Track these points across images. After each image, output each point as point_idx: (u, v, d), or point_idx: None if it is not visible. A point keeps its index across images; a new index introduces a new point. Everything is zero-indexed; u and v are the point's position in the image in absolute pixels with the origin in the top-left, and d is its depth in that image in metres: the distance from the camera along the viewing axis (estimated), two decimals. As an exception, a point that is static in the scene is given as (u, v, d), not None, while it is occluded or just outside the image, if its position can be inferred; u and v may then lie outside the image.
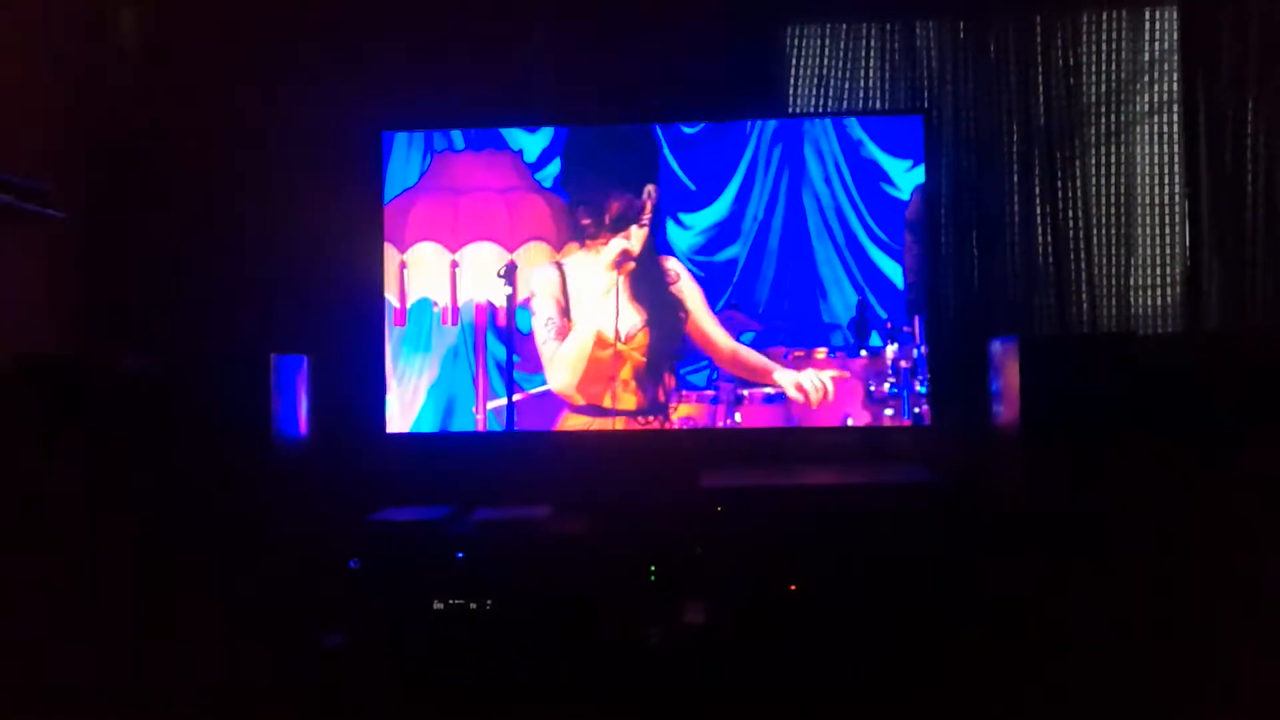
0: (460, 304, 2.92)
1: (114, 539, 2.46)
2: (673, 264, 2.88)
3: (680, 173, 2.89)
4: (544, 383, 2.89)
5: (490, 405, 2.91)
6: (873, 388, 2.83)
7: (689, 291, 2.87)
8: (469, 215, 2.92)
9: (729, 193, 2.88)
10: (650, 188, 2.87)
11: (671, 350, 2.88)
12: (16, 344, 2.63)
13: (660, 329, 2.88)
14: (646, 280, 2.88)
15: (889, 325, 2.84)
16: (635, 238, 2.88)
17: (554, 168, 2.91)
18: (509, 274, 2.89)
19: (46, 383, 2.51)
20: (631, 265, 2.87)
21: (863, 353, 2.84)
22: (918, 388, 2.81)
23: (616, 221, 2.87)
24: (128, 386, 2.52)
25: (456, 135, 2.94)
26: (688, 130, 2.90)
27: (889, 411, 2.82)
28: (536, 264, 2.89)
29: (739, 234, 2.88)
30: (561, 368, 2.88)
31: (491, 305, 2.91)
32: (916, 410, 2.81)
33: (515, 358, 2.90)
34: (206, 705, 2.42)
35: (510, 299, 2.89)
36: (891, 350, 2.82)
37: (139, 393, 2.51)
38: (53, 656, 2.41)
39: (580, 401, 2.88)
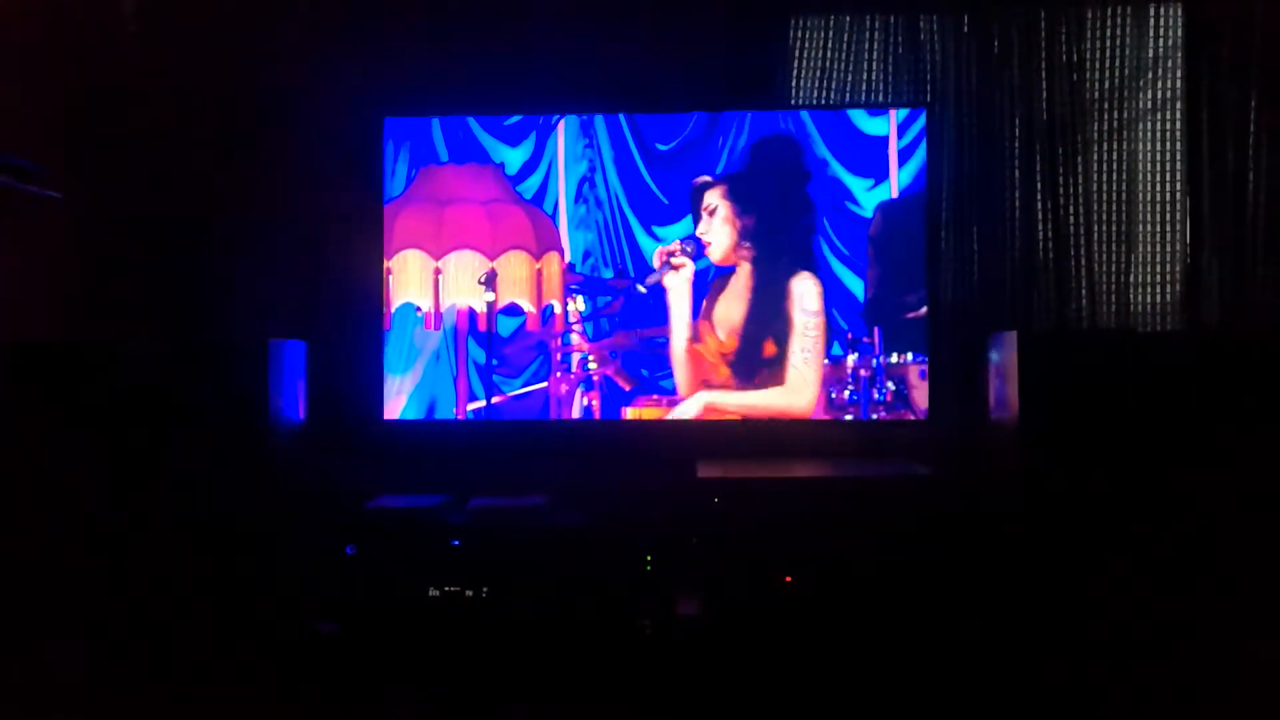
0: (443, 309, 2.97)
1: (111, 525, 2.46)
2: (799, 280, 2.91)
3: (654, 186, 2.95)
4: (522, 385, 2.97)
5: (470, 407, 2.97)
6: (833, 395, 2.89)
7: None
8: (452, 225, 2.98)
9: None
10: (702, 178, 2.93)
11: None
12: (14, 328, 2.63)
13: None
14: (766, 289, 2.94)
15: (849, 336, 2.89)
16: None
17: (535, 179, 2.97)
18: (489, 281, 2.95)
19: (44, 368, 2.51)
20: (681, 268, 2.93)
21: (825, 361, 2.88)
22: (875, 396, 2.89)
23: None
24: (125, 372, 2.51)
25: (441, 148, 2.99)
26: (661, 147, 2.95)
27: (848, 417, 2.89)
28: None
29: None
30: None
31: (472, 311, 2.96)
32: (874, 418, 2.89)
33: (495, 361, 2.96)
34: (202, 690, 2.42)
35: (491, 305, 2.96)
36: (852, 359, 2.89)
37: (137, 378, 2.51)
38: (50, 645, 2.41)
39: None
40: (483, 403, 2.96)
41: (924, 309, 2.88)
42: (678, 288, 2.93)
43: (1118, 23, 3.08)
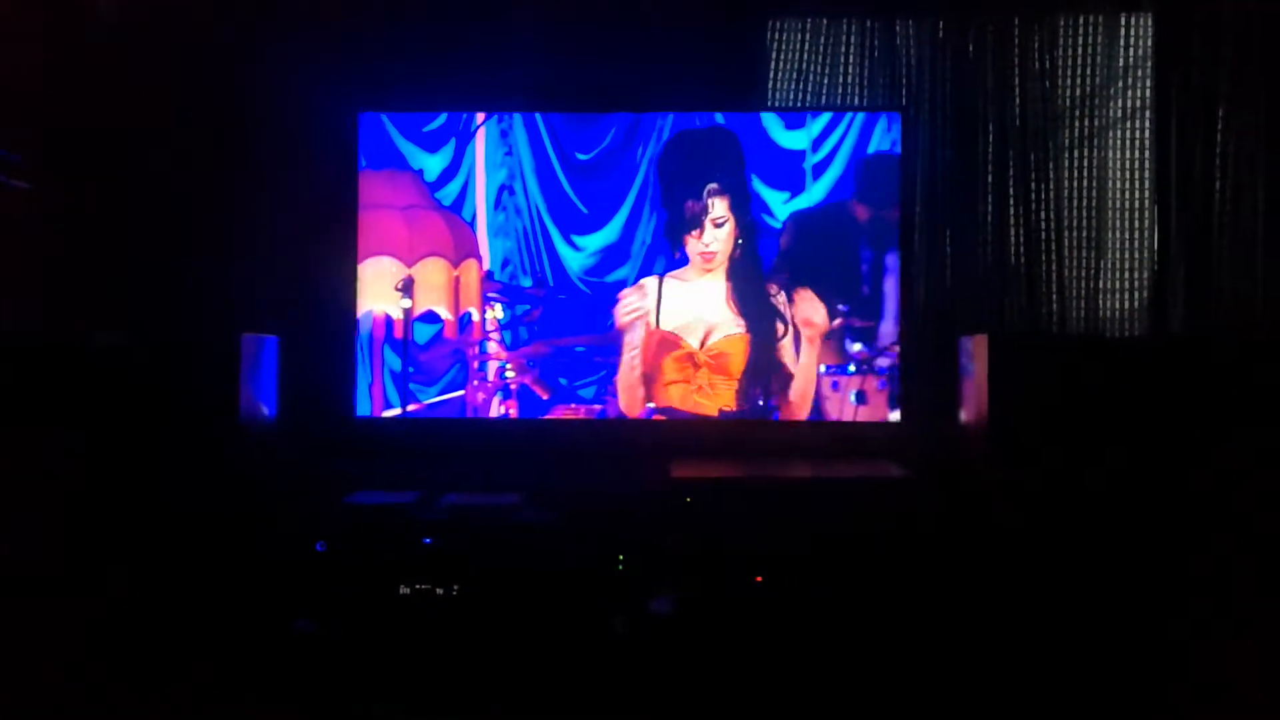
0: (359, 315, 2.96)
1: (76, 522, 2.42)
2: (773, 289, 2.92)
3: (574, 196, 2.96)
4: (439, 394, 2.96)
5: (386, 414, 2.96)
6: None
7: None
8: (371, 231, 2.97)
9: (619, 218, 2.95)
10: (712, 186, 2.92)
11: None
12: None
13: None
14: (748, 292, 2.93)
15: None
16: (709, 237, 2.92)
17: (454, 186, 2.96)
18: (407, 288, 2.94)
19: (8, 363, 2.46)
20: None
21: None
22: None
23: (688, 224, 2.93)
24: (92, 366, 2.48)
25: (360, 155, 2.97)
26: (581, 156, 2.96)
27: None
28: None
29: (628, 257, 2.95)
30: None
31: (389, 318, 2.96)
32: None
33: (410, 369, 2.96)
34: (175, 689, 2.39)
35: (408, 312, 2.96)
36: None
37: (104, 372, 2.47)
38: (18, 646, 2.38)
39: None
40: (398, 410, 2.95)
41: (838, 320, 2.90)
42: (636, 326, 2.93)
43: (1089, 31, 3.12)
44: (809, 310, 2.91)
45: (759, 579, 2.55)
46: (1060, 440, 2.40)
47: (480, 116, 2.96)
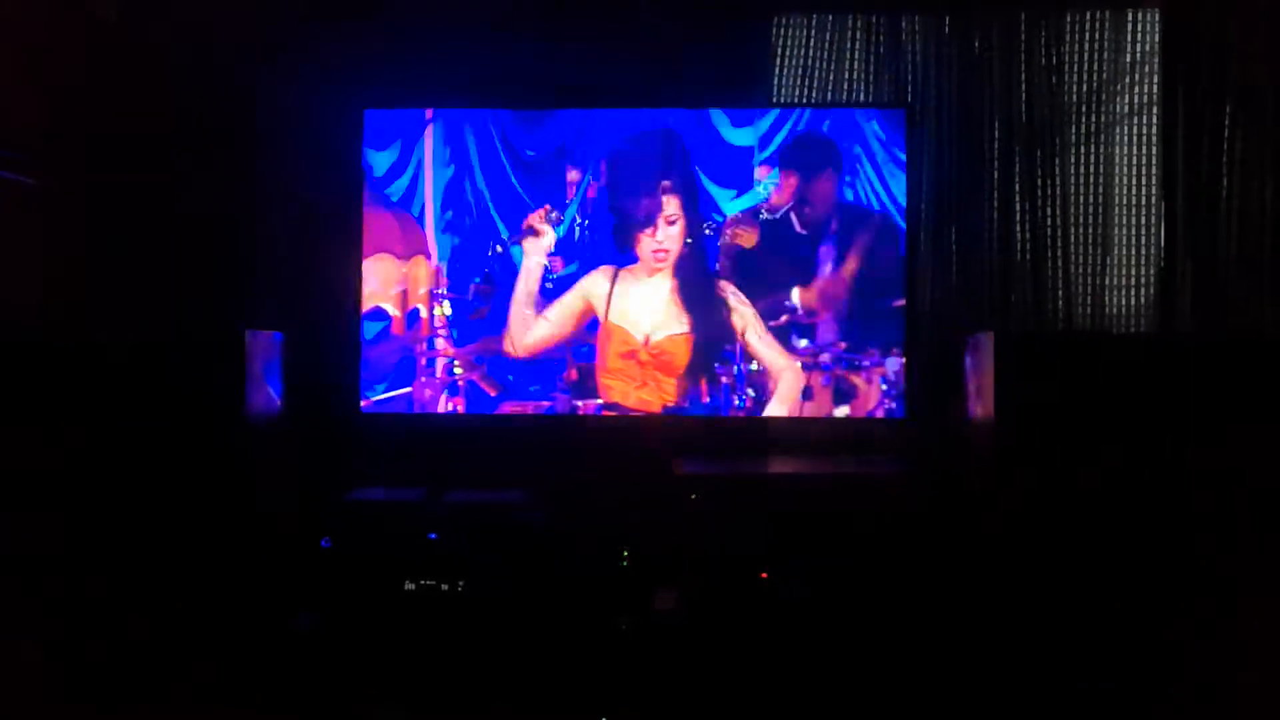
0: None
1: (82, 518, 2.43)
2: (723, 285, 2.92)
3: (522, 192, 2.95)
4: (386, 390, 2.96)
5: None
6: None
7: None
8: None
9: (569, 213, 2.95)
10: (665, 183, 2.93)
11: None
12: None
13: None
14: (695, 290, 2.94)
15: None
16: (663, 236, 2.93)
17: (402, 183, 2.96)
18: None
19: (13, 361, 2.47)
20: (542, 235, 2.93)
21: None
22: (735, 402, 2.91)
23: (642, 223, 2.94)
24: (97, 361, 2.48)
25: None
26: (530, 153, 2.95)
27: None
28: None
29: (576, 254, 2.95)
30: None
31: None
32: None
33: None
34: (177, 686, 2.40)
35: None
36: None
37: (108, 368, 2.48)
38: (19, 642, 2.38)
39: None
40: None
41: (785, 317, 2.90)
42: (533, 261, 2.92)
43: (1096, 27, 3.11)
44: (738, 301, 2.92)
45: (764, 575, 2.55)
46: (1066, 438, 2.39)
47: (429, 113, 2.96)
